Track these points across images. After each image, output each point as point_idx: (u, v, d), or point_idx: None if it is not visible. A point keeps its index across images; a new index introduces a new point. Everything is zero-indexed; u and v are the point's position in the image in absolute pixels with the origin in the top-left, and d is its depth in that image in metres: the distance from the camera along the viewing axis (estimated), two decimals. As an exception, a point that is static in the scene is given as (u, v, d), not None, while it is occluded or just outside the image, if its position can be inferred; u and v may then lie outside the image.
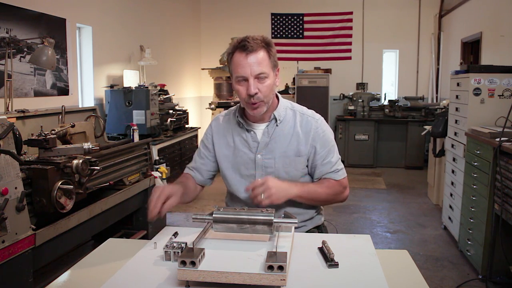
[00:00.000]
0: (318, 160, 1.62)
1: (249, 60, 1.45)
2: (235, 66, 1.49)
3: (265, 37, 1.51)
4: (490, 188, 2.77)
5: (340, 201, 1.69)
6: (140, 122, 4.27)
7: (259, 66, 1.46)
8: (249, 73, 1.46)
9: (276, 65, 1.55)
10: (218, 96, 6.62)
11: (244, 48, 1.46)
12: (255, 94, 1.47)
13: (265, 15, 7.66)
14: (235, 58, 1.48)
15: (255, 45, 1.46)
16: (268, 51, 1.50)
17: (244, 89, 1.49)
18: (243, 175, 1.64)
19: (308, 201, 1.62)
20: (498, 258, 2.72)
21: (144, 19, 5.64)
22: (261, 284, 1.02)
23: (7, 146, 1.74)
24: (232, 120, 1.68)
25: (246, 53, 1.45)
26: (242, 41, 1.47)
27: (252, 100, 1.49)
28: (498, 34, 4.58)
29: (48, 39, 2.87)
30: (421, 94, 7.17)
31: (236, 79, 1.50)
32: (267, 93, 1.50)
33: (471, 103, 3.25)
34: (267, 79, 1.49)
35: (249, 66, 1.45)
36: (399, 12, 7.34)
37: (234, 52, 1.49)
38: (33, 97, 3.57)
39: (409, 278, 1.21)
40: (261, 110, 1.53)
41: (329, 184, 1.62)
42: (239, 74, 1.47)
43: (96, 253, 1.39)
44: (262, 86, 1.48)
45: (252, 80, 1.46)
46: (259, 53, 1.47)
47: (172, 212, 4.55)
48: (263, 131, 1.62)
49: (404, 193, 5.31)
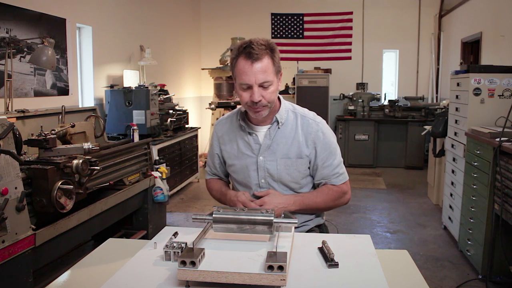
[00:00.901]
0: (319, 162, 1.62)
1: (254, 69, 1.45)
2: (239, 73, 1.48)
3: (269, 42, 1.50)
4: (490, 188, 2.77)
5: (342, 205, 1.70)
6: (140, 122, 4.27)
7: (264, 75, 1.46)
8: (254, 81, 1.46)
9: (279, 70, 1.55)
10: (218, 96, 6.62)
11: (250, 56, 1.44)
12: (259, 101, 1.48)
13: (265, 15, 7.66)
14: (240, 64, 1.47)
15: (260, 52, 1.45)
16: (272, 57, 1.49)
17: (247, 95, 1.49)
18: (245, 177, 1.66)
19: (308, 212, 1.67)
20: (498, 258, 2.72)
21: (144, 19, 5.64)
22: (261, 284, 1.02)
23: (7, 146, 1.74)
24: (234, 123, 1.69)
25: (252, 61, 1.44)
26: (247, 47, 1.45)
27: (255, 106, 1.50)
28: (498, 34, 4.58)
29: (48, 39, 2.87)
30: (421, 94, 7.17)
31: (240, 86, 1.50)
32: (271, 99, 1.52)
33: (471, 103, 3.25)
34: (271, 86, 1.50)
35: (254, 74, 1.45)
36: (399, 12, 7.34)
37: (238, 57, 1.48)
38: (33, 97, 3.57)
39: (409, 278, 1.21)
40: (263, 113, 1.55)
41: (328, 192, 1.63)
42: (244, 81, 1.47)
43: (96, 253, 1.39)
44: (266, 93, 1.49)
45: (257, 88, 1.47)
46: (263, 60, 1.46)
47: (172, 212, 4.55)
48: (265, 134, 1.62)
49: (404, 193, 5.31)
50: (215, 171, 1.81)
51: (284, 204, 1.56)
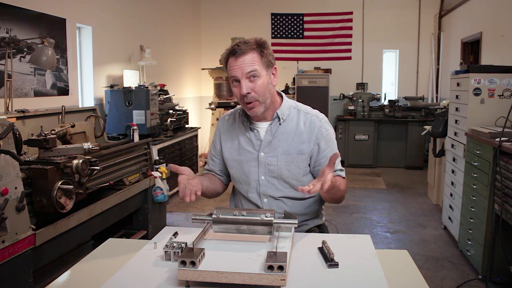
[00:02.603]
0: (322, 158, 1.62)
1: (238, 62, 1.51)
2: (228, 70, 1.56)
3: (258, 39, 1.56)
4: (490, 188, 2.77)
5: (341, 200, 1.67)
6: (140, 122, 4.27)
7: (249, 66, 1.51)
8: (240, 74, 1.51)
9: (271, 65, 1.57)
10: (218, 96, 6.62)
11: (234, 52, 1.52)
12: (248, 94, 1.51)
13: (265, 15, 7.66)
14: (229, 62, 1.55)
15: (244, 48, 1.51)
16: (259, 51, 1.53)
17: (238, 90, 1.54)
18: (245, 173, 1.66)
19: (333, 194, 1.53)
20: (498, 258, 2.72)
21: (144, 19, 5.64)
22: (261, 284, 1.02)
23: (7, 146, 1.74)
24: (237, 119, 1.72)
25: (236, 56, 1.52)
26: (233, 47, 1.54)
27: (246, 100, 1.53)
28: (498, 34, 4.58)
29: (48, 39, 2.87)
30: (421, 94, 7.17)
31: (231, 81, 1.56)
32: (261, 92, 1.53)
33: (471, 103, 3.25)
34: (258, 78, 1.52)
35: (239, 67, 1.51)
36: (399, 12, 7.34)
37: (228, 58, 1.55)
38: (33, 97, 3.57)
39: (409, 278, 1.22)
40: (257, 110, 1.56)
41: (342, 181, 1.61)
42: (231, 75, 1.54)
43: (96, 253, 1.39)
44: (255, 86, 1.52)
45: (244, 80, 1.51)
46: (248, 54, 1.51)
47: (172, 212, 4.55)
48: (266, 129, 1.64)
49: (404, 193, 5.31)
50: (211, 167, 1.79)
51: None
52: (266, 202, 1.64)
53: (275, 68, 1.60)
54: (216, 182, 1.76)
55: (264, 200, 1.64)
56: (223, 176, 1.79)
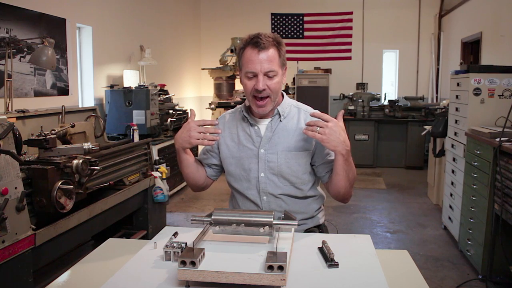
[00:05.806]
0: (325, 155, 1.62)
1: (260, 57, 1.49)
2: (245, 61, 1.52)
3: (276, 36, 1.56)
4: (490, 188, 2.77)
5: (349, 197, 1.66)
6: (140, 122, 4.27)
7: (269, 64, 1.50)
8: (259, 69, 1.50)
9: (285, 64, 1.59)
10: (218, 96, 6.62)
11: (257, 45, 1.49)
12: (263, 90, 1.51)
13: (265, 15, 7.66)
14: (247, 53, 1.52)
15: (267, 42, 1.50)
16: (278, 49, 1.54)
17: (252, 84, 1.52)
18: (245, 170, 1.65)
19: (348, 170, 1.56)
20: (498, 258, 2.72)
21: (144, 19, 5.64)
22: (261, 284, 1.02)
23: (7, 146, 1.74)
24: (237, 116, 1.71)
25: (258, 49, 1.49)
26: (254, 37, 1.51)
27: (259, 95, 1.52)
28: (498, 34, 4.58)
29: (48, 39, 2.87)
30: (421, 94, 7.17)
31: (246, 74, 1.54)
32: (275, 90, 1.55)
33: (471, 103, 3.25)
34: (275, 77, 1.53)
35: (260, 62, 1.49)
36: (399, 12, 7.34)
37: (245, 47, 1.52)
38: (33, 97, 3.57)
39: (409, 278, 1.22)
40: (267, 109, 1.57)
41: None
42: (249, 69, 1.51)
43: (96, 253, 1.39)
44: (271, 83, 1.52)
45: (262, 76, 1.50)
46: (270, 50, 1.51)
47: (172, 212, 4.55)
48: (267, 126, 1.64)
49: (404, 193, 5.31)
50: (201, 157, 1.77)
51: (344, 137, 1.45)
52: (265, 200, 1.63)
53: (286, 68, 1.61)
54: (201, 171, 1.73)
55: (264, 198, 1.63)
56: (209, 168, 1.75)
